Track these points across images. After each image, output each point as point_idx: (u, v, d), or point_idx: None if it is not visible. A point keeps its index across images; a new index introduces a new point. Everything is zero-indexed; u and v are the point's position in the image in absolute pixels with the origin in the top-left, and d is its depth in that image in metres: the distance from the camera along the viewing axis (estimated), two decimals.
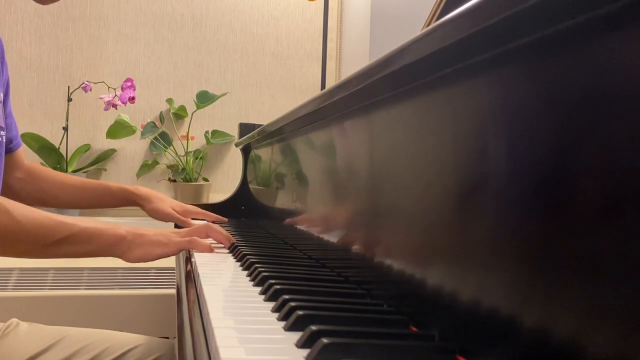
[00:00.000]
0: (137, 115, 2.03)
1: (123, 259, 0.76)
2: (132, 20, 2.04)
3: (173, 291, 1.37)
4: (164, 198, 1.15)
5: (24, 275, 1.45)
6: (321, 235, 0.74)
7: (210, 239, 0.84)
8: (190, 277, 0.66)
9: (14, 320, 0.86)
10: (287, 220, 0.94)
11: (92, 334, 0.85)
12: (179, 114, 2.06)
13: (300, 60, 2.22)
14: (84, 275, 1.48)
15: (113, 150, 1.99)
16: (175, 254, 0.79)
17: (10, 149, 0.98)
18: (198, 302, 0.54)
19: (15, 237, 0.66)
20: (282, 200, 1.02)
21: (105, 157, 1.98)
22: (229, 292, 0.54)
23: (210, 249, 0.79)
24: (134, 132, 1.93)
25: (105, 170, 2.00)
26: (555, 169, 0.29)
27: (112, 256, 0.76)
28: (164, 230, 0.82)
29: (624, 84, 0.25)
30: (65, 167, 1.85)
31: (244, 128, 1.48)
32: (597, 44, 0.27)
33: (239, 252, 0.75)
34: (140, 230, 0.78)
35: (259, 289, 0.55)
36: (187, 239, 0.79)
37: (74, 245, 0.71)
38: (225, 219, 1.19)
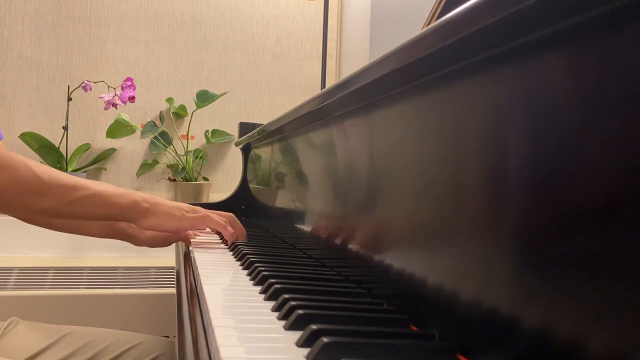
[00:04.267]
0: (137, 114, 2.03)
1: (137, 225, 0.77)
2: (132, 19, 2.04)
3: (173, 290, 1.37)
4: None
5: (24, 275, 1.45)
6: (321, 234, 0.75)
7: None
8: (190, 276, 0.66)
9: (14, 318, 0.86)
10: (288, 220, 0.94)
11: (93, 332, 0.86)
12: (179, 114, 2.06)
13: (300, 60, 2.22)
14: (84, 275, 1.48)
15: (113, 150, 1.99)
16: (188, 229, 0.80)
17: None
18: (198, 301, 0.54)
19: (38, 191, 0.68)
20: (282, 200, 1.02)
21: (105, 156, 1.97)
22: (229, 291, 0.54)
23: (223, 227, 0.79)
24: (133, 131, 1.93)
25: (105, 169, 2.00)
26: (556, 168, 0.29)
27: (128, 221, 0.77)
28: (181, 204, 0.83)
29: (625, 83, 0.25)
30: (65, 166, 1.85)
31: (244, 127, 1.48)
32: (598, 43, 0.27)
33: (239, 251, 0.75)
34: (158, 199, 0.79)
35: (259, 288, 0.55)
36: (201, 215, 0.80)
37: (93, 205, 0.73)
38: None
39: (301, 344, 0.37)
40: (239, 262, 0.71)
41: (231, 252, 0.79)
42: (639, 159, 0.24)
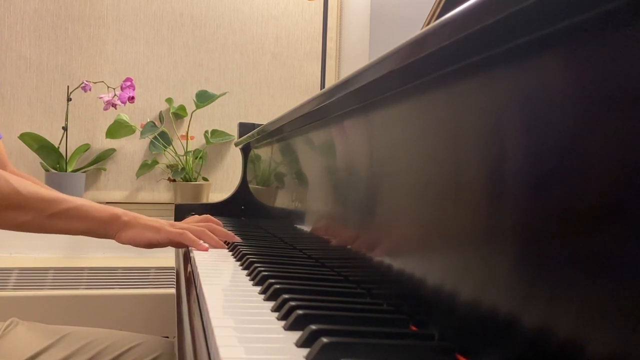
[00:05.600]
0: (137, 114, 2.03)
1: (115, 239, 0.78)
2: (131, 19, 2.04)
3: (173, 291, 1.37)
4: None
5: (23, 275, 1.44)
6: (321, 235, 0.74)
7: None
8: (190, 276, 0.66)
9: (14, 319, 0.86)
10: (287, 220, 0.94)
11: (93, 333, 0.85)
12: (179, 114, 2.06)
13: (300, 60, 2.22)
14: (84, 275, 1.48)
15: (113, 150, 1.99)
16: (165, 243, 0.80)
17: None
18: (198, 301, 0.54)
19: (17, 206, 0.69)
20: (282, 200, 1.02)
21: (104, 156, 1.97)
22: (228, 291, 0.54)
23: (200, 245, 0.79)
24: (133, 131, 1.93)
25: (104, 170, 2.00)
26: (556, 168, 0.29)
27: (107, 235, 0.77)
28: (161, 220, 0.83)
29: (625, 83, 0.25)
30: (65, 166, 1.85)
31: (243, 128, 1.48)
32: (599, 43, 0.27)
33: (238, 251, 0.75)
34: (137, 215, 0.80)
35: (258, 288, 0.55)
36: (179, 231, 0.79)
37: (72, 219, 0.73)
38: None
39: (301, 344, 0.37)
40: (238, 262, 0.71)
41: (231, 252, 0.79)
42: (639, 159, 0.24)
